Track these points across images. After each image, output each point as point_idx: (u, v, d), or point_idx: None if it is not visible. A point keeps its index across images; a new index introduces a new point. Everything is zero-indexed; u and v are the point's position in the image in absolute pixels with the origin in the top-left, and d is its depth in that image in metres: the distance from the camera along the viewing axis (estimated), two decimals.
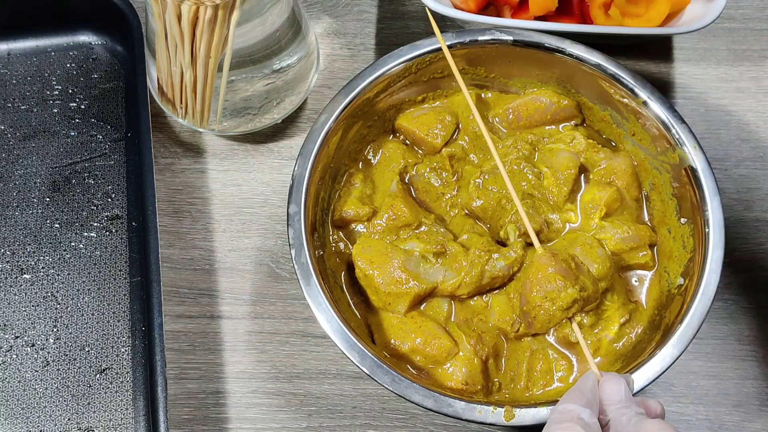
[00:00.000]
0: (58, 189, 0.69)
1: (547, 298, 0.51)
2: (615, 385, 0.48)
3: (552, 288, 0.51)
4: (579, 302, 0.50)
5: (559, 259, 0.51)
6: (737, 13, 0.78)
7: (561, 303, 0.51)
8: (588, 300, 0.51)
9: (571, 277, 0.50)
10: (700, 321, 0.55)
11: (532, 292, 0.51)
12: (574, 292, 0.50)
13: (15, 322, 0.65)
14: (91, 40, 0.75)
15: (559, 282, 0.50)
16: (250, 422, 0.63)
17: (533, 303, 0.51)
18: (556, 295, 0.50)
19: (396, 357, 0.59)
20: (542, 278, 0.51)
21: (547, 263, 0.51)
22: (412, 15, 0.78)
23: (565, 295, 0.50)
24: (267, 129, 0.72)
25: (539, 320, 0.52)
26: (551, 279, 0.50)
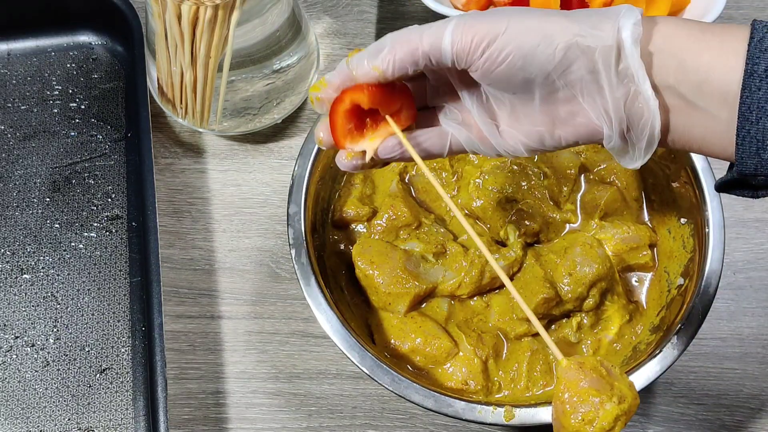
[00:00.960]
0: (58, 189, 0.69)
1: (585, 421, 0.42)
2: None
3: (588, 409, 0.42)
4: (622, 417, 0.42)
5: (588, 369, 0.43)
6: (737, 13, 0.78)
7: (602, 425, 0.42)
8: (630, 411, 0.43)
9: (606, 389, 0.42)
10: (700, 321, 0.55)
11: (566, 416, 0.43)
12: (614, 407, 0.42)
13: (15, 322, 0.65)
14: (91, 40, 0.75)
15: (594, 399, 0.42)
16: (250, 422, 0.63)
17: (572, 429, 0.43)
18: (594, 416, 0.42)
19: (396, 357, 0.59)
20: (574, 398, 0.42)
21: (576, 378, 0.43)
22: (412, 15, 0.78)
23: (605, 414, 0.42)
24: (267, 129, 0.72)
25: None
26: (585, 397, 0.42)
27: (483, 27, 0.40)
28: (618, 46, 0.39)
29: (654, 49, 0.40)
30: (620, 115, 0.41)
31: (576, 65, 0.40)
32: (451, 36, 0.41)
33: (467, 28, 0.40)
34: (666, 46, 0.40)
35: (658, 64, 0.40)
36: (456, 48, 0.41)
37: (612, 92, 0.40)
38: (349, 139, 0.45)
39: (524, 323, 0.60)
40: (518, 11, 0.41)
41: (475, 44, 0.40)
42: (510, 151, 0.45)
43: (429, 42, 0.41)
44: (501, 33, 0.40)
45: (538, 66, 0.40)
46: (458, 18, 0.41)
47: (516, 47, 0.40)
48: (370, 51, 0.43)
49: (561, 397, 0.43)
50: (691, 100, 0.39)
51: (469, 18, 0.41)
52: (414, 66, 0.42)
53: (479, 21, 0.41)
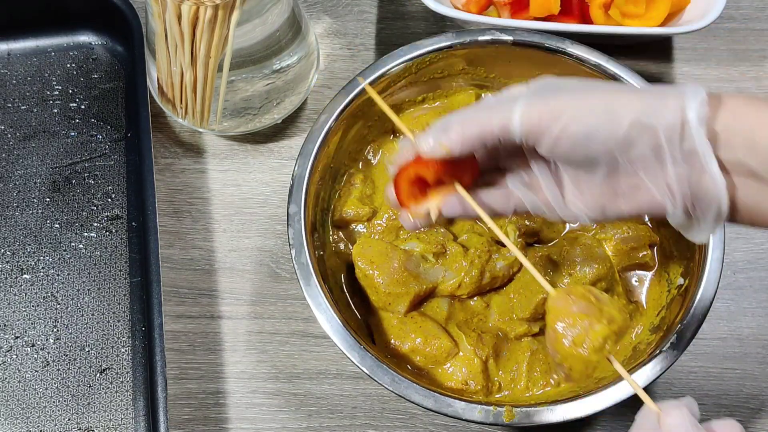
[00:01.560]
0: (58, 189, 0.69)
1: (576, 344, 0.44)
2: (678, 418, 0.40)
3: (578, 331, 0.44)
4: (611, 337, 0.44)
5: (576, 296, 0.45)
6: (737, 13, 0.78)
7: (593, 345, 0.44)
8: (621, 331, 0.45)
9: (595, 312, 0.44)
10: (700, 321, 0.55)
11: (559, 342, 0.45)
12: (603, 328, 0.44)
13: (15, 322, 0.65)
14: (91, 40, 0.75)
15: (584, 322, 0.44)
16: (250, 422, 0.63)
17: (564, 354, 0.45)
18: (584, 337, 0.44)
19: (396, 357, 0.59)
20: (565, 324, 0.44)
21: (566, 304, 0.45)
22: (412, 15, 0.78)
23: (594, 334, 0.44)
24: (267, 129, 0.72)
25: (576, 370, 0.45)
26: (574, 321, 0.44)
27: (548, 108, 0.42)
28: (683, 125, 0.40)
29: (721, 127, 0.40)
30: (685, 191, 0.41)
31: (639, 143, 0.41)
32: (520, 119, 0.42)
33: (534, 109, 0.42)
34: (734, 122, 0.40)
35: (726, 142, 0.40)
36: (524, 129, 0.42)
37: (676, 170, 0.41)
38: (413, 201, 0.47)
39: (524, 323, 0.60)
40: (583, 88, 0.43)
41: (543, 126, 0.42)
42: (571, 219, 0.46)
43: (499, 124, 0.43)
44: (564, 114, 0.41)
45: (601, 145, 0.41)
46: (526, 99, 0.42)
47: (579, 128, 0.41)
48: (436, 130, 0.44)
49: (553, 326, 0.45)
50: (763, 176, 0.39)
51: (536, 99, 0.42)
52: (482, 145, 0.44)
53: (546, 102, 0.42)
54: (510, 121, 0.42)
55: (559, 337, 0.44)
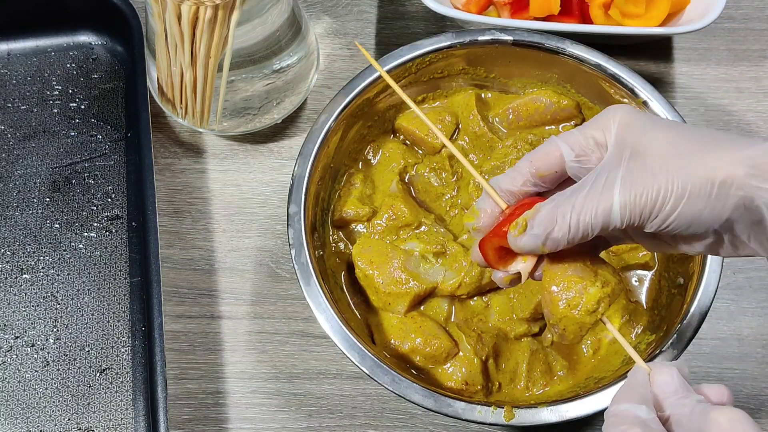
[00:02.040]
0: (58, 189, 0.69)
1: (570, 306, 0.45)
2: (667, 376, 0.42)
3: (573, 294, 0.45)
4: (605, 299, 0.45)
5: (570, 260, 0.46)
6: (737, 13, 0.78)
7: (587, 307, 0.45)
8: (614, 293, 0.46)
9: (589, 276, 0.45)
10: (700, 321, 0.55)
11: (554, 304, 0.46)
12: (597, 291, 0.45)
13: (15, 322, 0.65)
14: (91, 40, 0.75)
15: (578, 285, 0.45)
16: (250, 422, 0.63)
17: (558, 315, 0.46)
18: (579, 299, 0.45)
19: (396, 357, 0.59)
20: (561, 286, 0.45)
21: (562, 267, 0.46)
22: (412, 15, 0.78)
23: (588, 297, 0.45)
24: (267, 129, 0.72)
25: (570, 331, 0.46)
26: (569, 284, 0.45)
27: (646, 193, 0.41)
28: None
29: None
30: None
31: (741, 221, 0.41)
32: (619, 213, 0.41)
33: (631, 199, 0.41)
34: None
35: None
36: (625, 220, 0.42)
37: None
38: (501, 264, 0.47)
39: (524, 323, 0.60)
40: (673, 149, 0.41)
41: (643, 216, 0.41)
42: None
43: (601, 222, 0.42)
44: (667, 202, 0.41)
45: (704, 228, 0.41)
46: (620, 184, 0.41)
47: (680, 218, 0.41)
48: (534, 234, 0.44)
49: (548, 288, 0.46)
50: None
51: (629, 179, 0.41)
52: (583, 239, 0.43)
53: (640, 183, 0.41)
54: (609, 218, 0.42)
55: (555, 299, 0.45)
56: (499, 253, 0.47)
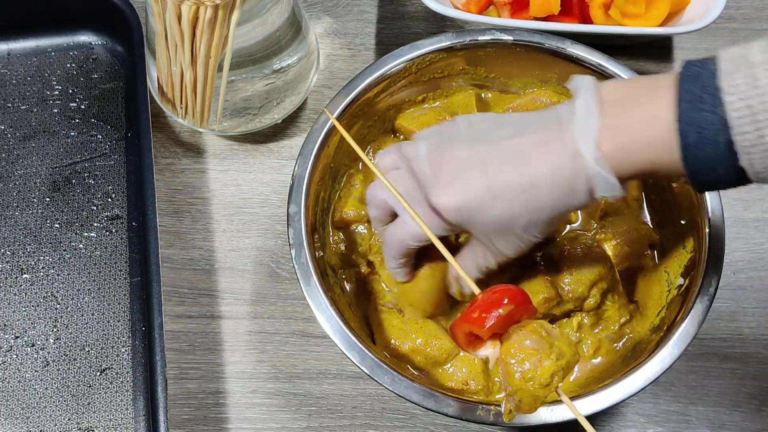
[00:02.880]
0: (58, 189, 0.69)
1: (525, 379, 0.46)
2: None
3: (527, 367, 0.46)
4: (558, 373, 0.46)
5: (528, 331, 0.47)
6: (737, 13, 0.78)
7: (541, 380, 0.46)
8: (569, 366, 0.47)
9: (545, 348, 0.46)
10: (700, 321, 0.55)
11: (510, 375, 0.46)
12: (551, 364, 0.46)
13: (15, 322, 0.65)
14: (91, 40, 0.75)
15: (533, 358, 0.46)
16: (250, 422, 0.63)
17: (514, 387, 0.46)
18: (533, 372, 0.46)
19: (396, 357, 0.59)
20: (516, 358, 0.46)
21: (518, 339, 0.47)
22: (412, 15, 0.78)
23: (542, 371, 0.46)
24: (267, 129, 0.72)
25: (525, 403, 0.47)
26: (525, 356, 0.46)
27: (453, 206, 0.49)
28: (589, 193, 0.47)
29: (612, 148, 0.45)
30: None
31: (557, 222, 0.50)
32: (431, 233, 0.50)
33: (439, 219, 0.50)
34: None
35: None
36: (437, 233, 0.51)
37: None
38: (471, 347, 0.50)
39: None
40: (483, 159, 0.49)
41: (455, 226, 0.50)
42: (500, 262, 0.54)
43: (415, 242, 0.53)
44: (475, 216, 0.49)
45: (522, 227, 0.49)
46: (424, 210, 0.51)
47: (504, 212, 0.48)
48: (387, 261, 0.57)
49: (505, 359, 0.47)
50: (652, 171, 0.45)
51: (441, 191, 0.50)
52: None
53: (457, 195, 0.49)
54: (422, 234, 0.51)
55: (511, 371, 0.46)
56: (468, 338, 0.49)
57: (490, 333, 0.47)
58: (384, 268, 0.60)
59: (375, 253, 0.63)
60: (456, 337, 0.49)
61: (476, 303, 0.48)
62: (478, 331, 0.47)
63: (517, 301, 0.47)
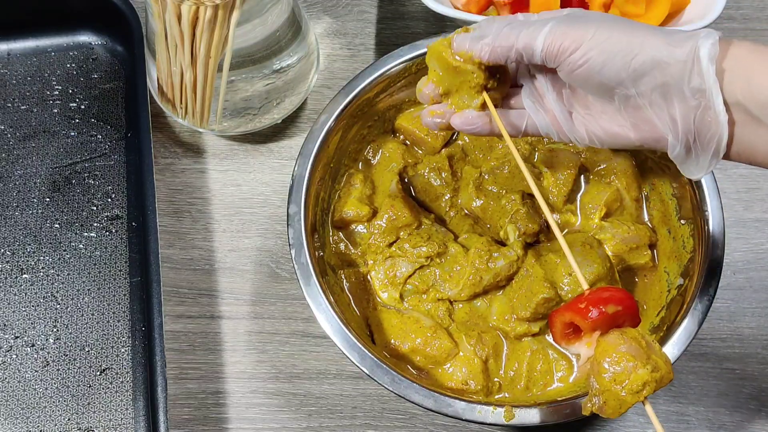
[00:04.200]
0: (58, 189, 0.69)
1: (616, 381, 0.46)
2: None
3: (621, 369, 0.46)
4: (651, 384, 0.45)
5: (629, 337, 0.47)
6: (737, 13, 0.78)
7: (631, 386, 0.46)
8: (662, 381, 0.46)
9: (642, 357, 0.46)
10: (700, 321, 0.55)
11: (600, 375, 0.46)
12: (645, 373, 0.45)
13: (15, 322, 0.65)
14: (91, 40, 0.75)
15: (629, 363, 0.46)
16: (250, 422, 0.63)
17: (602, 387, 0.46)
18: (626, 377, 0.46)
19: (396, 357, 0.59)
20: (612, 359, 0.46)
21: (617, 342, 0.47)
22: (412, 15, 0.78)
23: (635, 377, 0.45)
24: (267, 129, 0.72)
25: (610, 405, 0.47)
26: (620, 359, 0.46)
27: (572, 33, 0.45)
28: (694, 62, 0.42)
29: (725, 68, 0.42)
30: (688, 127, 0.43)
31: (649, 77, 0.43)
32: (543, 39, 0.45)
33: (559, 33, 0.45)
34: (736, 66, 0.42)
35: (728, 82, 0.42)
36: (546, 51, 0.45)
37: (682, 105, 0.43)
38: (565, 340, 0.49)
39: (524, 323, 0.60)
40: (608, 20, 0.45)
41: (563, 49, 0.45)
42: (579, 140, 0.49)
43: (524, 42, 0.46)
44: (587, 39, 0.44)
45: (614, 73, 0.44)
46: (554, 22, 0.45)
47: (597, 54, 0.44)
48: (473, 37, 0.48)
49: (599, 359, 0.47)
50: (757, 116, 0.42)
51: (562, 23, 0.45)
52: (507, 59, 0.47)
53: (571, 27, 0.45)
54: (534, 42, 0.45)
55: (602, 371, 0.46)
56: (566, 328, 0.49)
57: (591, 328, 0.47)
58: (379, 265, 0.60)
59: (374, 252, 0.63)
60: (553, 325, 0.49)
61: (584, 296, 0.48)
62: (580, 321, 0.47)
63: (626, 305, 0.47)
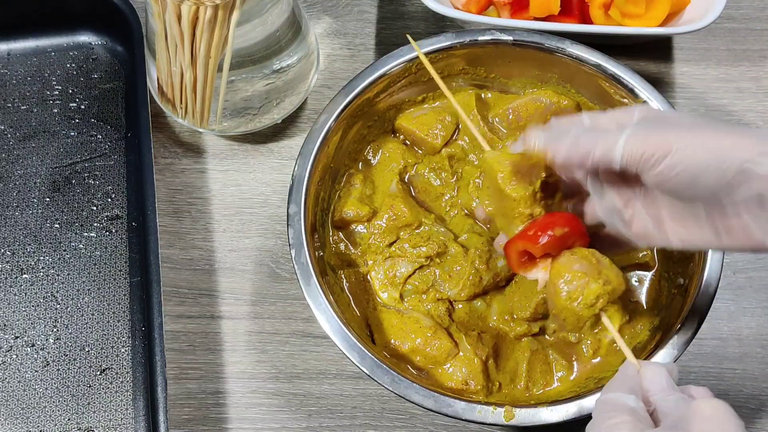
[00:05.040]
0: (58, 189, 0.69)
1: (571, 298, 0.48)
2: (656, 374, 0.44)
3: (574, 287, 0.48)
4: (604, 296, 0.48)
5: (579, 256, 0.49)
6: (737, 13, 0.78)
7: (585, 300, 0.48)
8: (614, 292, 0.49)
9: (593, 273, 0.48)
10: (700, 321, 0.55)
11: (557, 294, 0.49)
12: (597, 287, 0.48)
13: (15, 322, 0.65)
14: (91, 40, 0.75)
15: (581, 280, 0.48)
16: (250, 422, 0.63)
17: (560, 306, 0.49)
18: (580, 293, 0.48)
19: (396, 357, 0.59)
20: (564, 279, 0.49)
21: (568, 262, 0.49)
22: (412, 15, 0.78)
23: (588, 292, 0.48)
24: (267, 129, 0.72)
25: (569, 322, 0.50)
26: (573, 278, 0.48)
27: (654, 141, 0.42)
28: None
29: None
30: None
31: (744, 188, 0.41)
32: (622, 149, 0.43)
33: (639, 142, 0.43)
34: None
35: None
36: (626, 161, 0.43)
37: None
38: (522, 268, 0.51)
39: (524, 323, 0.60)
40: (689, 123, 0.43)
41: (645, 159, 0.43)
42: (673, 247, 0.47)
43: (602, 152, 0.44)
44: (672, 151, 0.42)
45: (707, 186, 0.42)
46: (632, 130, 0.43)
47: (686, 167, 0.42)
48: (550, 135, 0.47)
49: (553, 280, 0.49)
50: None
51: (641, 131, 0.43)
52: (581, 167, 0.47)
53: (651, 134, 0.43)
54: (613, 152, 0.44)
55: (557, 291, 0.49)
56: (521, 257, 0.50)
57: (542, 251, 0.49)
58: (379, 265, 0.60)
59: (374, 252, 0.63)
60: (509, 256, 0.51)
61: (533, 223, 0.49)
62: (531, 248, 0.49)
63: (572, 226, 0.49)
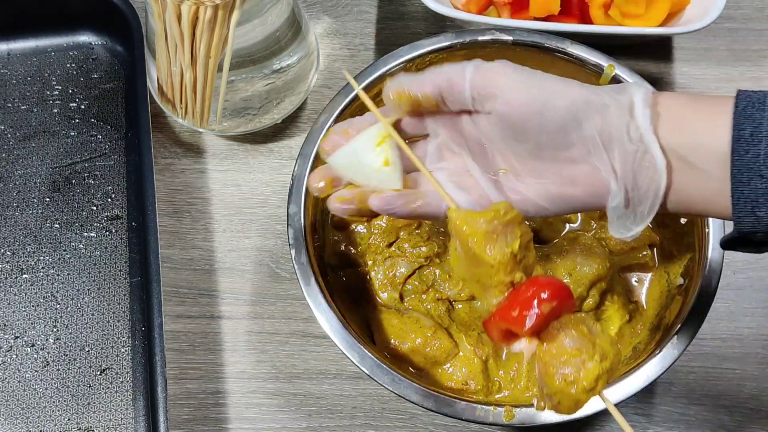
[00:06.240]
0: (58, 189, 0.69)
1: (567, 382, 0.42)
2: None
3: (569, 371, 0.42)
4: (603, 376, 0.42)
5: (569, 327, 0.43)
6: (737, 13, 0.78)
7: (583, 385, 0.42)
8: (613, 368, 0.43)
9: (588, 348, 0.42)
10: (700, 321, 0.55)
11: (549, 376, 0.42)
12: (595, 366, 0.42)
13: (15, 322, 0.65)
14: (91, 40, 0.75)
15: (576, 359, 0.42)
16: (250, 422, 0.63)
17: (554, 389, 0.42)
18: (576, 375, 0.42)
19: (396, 357, 0.59)
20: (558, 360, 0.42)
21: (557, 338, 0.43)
22: (412, 15, 0.78)
23: (586, 374, 0.42)
24: (267, 129, 0.72)
25: (565, 406, 0.43)
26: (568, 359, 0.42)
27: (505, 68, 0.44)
28: (630, 107, 0.42)
29: (660, 112, 0.42)
30: (627, 175, 0.43)
31: (590, 122, 0.43)
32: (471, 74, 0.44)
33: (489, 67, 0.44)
34: (669, 112, 0.42)
35: (662, 128, 0.42)
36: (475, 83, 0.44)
37: (622, 150, 0.42)
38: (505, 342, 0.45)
39: None
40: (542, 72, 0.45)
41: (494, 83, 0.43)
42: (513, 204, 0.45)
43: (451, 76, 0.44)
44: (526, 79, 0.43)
45: (556, 115, 0.43)
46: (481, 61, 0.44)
47: (539, 92, 0.43)
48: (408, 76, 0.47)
49: (544, 358, 0.43)
50: (691, 161, 0.42)
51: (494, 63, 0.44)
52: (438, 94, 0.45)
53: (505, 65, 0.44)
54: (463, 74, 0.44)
55: (550, 372, 0.42)
56: (503, 333, 0.45)
57: (530, 333, 0.43)
58: (379, 265, 0.60)
59: (374, 252, 0.63)
60: (490, 332, 0.45)
61: (515, 297, 0.43)
62: (517, 330, 0.43)
63: (560, 296, 0.43)
